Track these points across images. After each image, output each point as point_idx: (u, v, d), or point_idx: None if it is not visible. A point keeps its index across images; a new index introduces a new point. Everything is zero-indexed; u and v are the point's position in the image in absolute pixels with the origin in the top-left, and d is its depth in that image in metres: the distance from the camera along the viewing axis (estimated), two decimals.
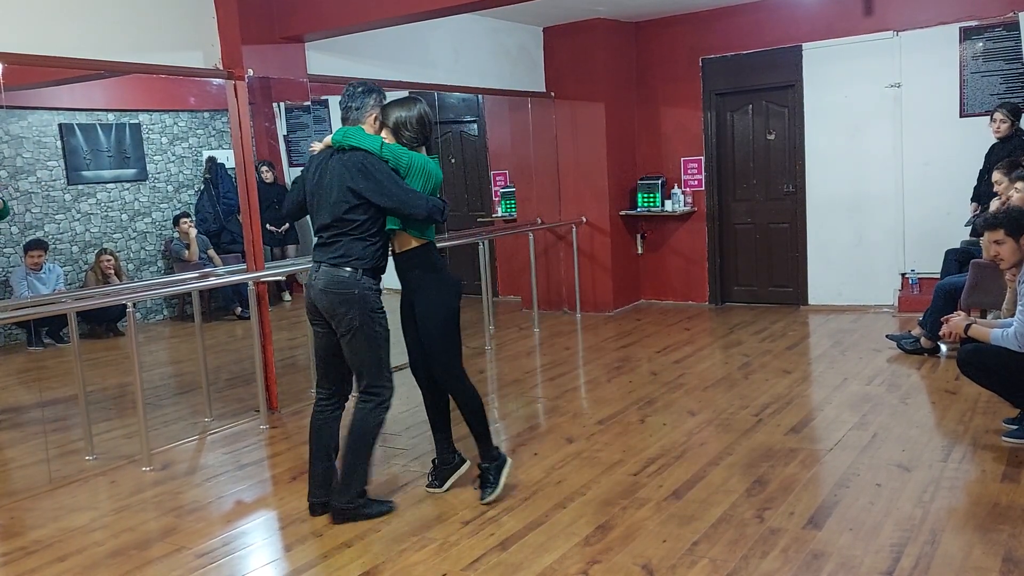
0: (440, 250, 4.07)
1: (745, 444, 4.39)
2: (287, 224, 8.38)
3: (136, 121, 8.84)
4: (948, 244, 6.49)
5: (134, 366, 4.68)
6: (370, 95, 3.68)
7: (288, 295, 8.64)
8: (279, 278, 5.81)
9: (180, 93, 8.87)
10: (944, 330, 4.29)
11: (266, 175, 7.85)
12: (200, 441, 5.06)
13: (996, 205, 5.35)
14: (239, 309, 8.35)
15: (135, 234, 8.90)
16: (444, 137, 9.48)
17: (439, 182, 3.76)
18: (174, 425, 5.37)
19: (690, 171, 8.36)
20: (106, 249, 8.26)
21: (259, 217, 5.46)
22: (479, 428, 3.87)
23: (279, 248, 8.33)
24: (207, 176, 9.24)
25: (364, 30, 5.69)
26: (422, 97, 3.96)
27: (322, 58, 5.93)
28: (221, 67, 5.32)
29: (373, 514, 3.72)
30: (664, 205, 8.30)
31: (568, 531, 3.49)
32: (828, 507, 3.57)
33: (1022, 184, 5.18)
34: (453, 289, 3.82)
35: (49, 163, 8.16)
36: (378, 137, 3.64)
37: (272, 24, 5.50)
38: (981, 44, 6.90)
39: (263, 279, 5.39)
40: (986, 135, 6.33)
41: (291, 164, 8.33)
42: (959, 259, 6.14)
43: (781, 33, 7.68)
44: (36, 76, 6.05)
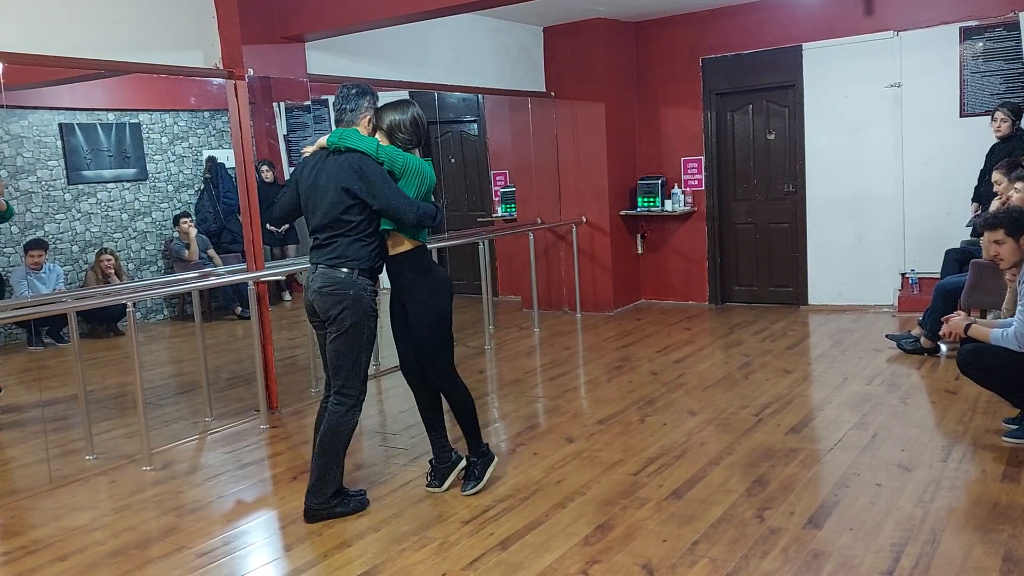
0: (439, 250, 4.09)
1: (745, 444, 4.40)
2: (286, 224, 8.38)
3: (136, 121, 8.84)
4: (948, 244, 6.49)
5: (134, 366, 4.68)
6: (364, 97, 3.71)
7: (288, 295, 8.64)
8: (279, 278, 5.82)
9: (180, 93, 8.88)
10: (944, 330, 4.29)
11: (266, 175, 7.84)
12: (200, 441, 5.07)
13: (996, 205, 5.35)
14: (239, 309, 8.35)
15: (135, 234, 8.90)
16: (444, 137, 9.48)
17: (432, 184, 3.79)
18: (174, 425, 5.37)
19: (690, 171, 8.36)
20: (106, 249, 8.26)
21: (259, 217, 5.46)
22: (469, 425, 3.97)
23: (279, 248, 8.33)
24: (207, 176, 9.24)
25: (364, 30, 5.69)
26: (422, 97, 3.98)
27: (322, 58, 5.93)
28: (221, 67, 5.32)
29: (348, 512, 3.76)
30: (664, 205, 8.30)
31: (568, 531, 3.49)
32: (828, 507, 3.57)
33: (1022, 184, 5.18)
34: (445, 290, 3.86)
35: (49, 163, 8.16)
36: (374, 139, 3.67)
37: (272, 24, 5.50)
38: (981, 44, 6.91)
39: (263, 279, 5.39)
40: (986, 135, 6.33)
41: (291, 164, 8.31)
42: (959, 259, 6.14)
43: (781, 33, 7.69)
44: (36, 76, 6.05)
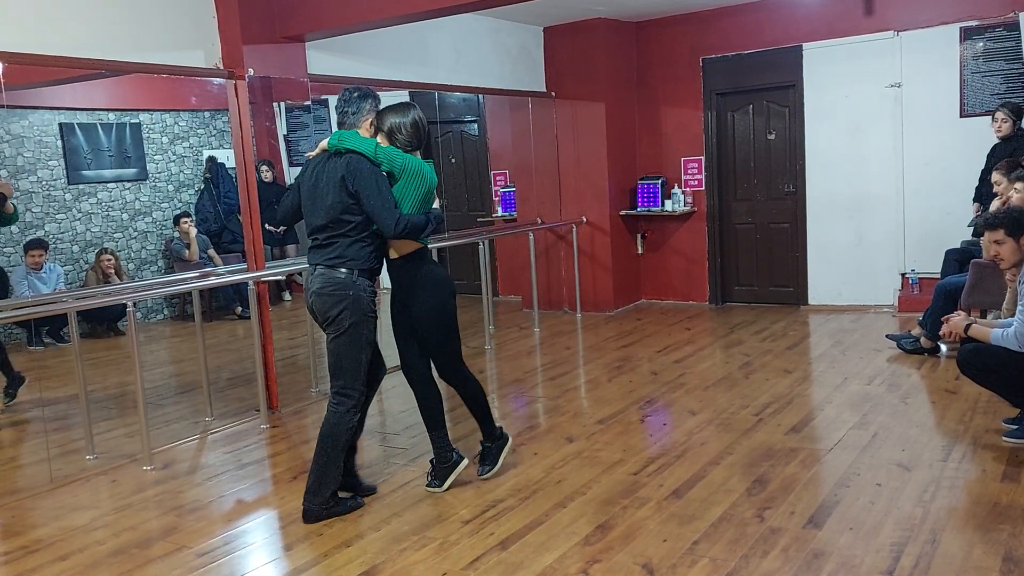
0: (439, 250, 4.11)
1: (745, 444, 4.40)
2: (287, 225, 8.39)
3: (137, 121, 8.84)
4: (948, 244, 6.49)
5: (135, 365, 4.69)
6: (365, 100, 3.74)
7: (288, 295, 8.65)
8: (279, 278, 5.82)
9: (181, 93, 8.88)
10: (944, 330, 4.29)
11: (265, 175, 7.85)
12: (201, 440, 5.07)
13: (996, 205, 5.35)
14: (239, 309, 8.35)
15: (136, 234, 8.91)
16: (444, 137, 9.49)
17: (433, 185, 3.81)
18: (175, 424, 5.37)
19: (690, 171, 8.36)
20: (106, 249, 8.26)
21: (259, 217, 5.46)
22: (482, 413, 4.08)
23: (279, 248, 8.33)
24: (207, 176, 9.25)
25: (365, 30, 5.69)
26: (423, 97, 4.01)
27: (322, 58, 5.93)
28: (221, 67, 5.32)
29: (344, 512, 3.78)
30: (664, 205, 8.30)
31: (568, 530, 3.49)
32: (828, 507, 3.57)
33: (1021, 184, 5.18)
34: (447, 288, 3.90)
35: (50, 162, 8.17)
36: (372, 140, 3.69)
37: (273, 24, 5.50)
38: (981, 44, 6.91)
39: (263, 279, 5.39)
40: (986, 135, 6.33)
41: (291, 164, 8.33)
42: (959, 259, 6.14)
43: (782, 33, 7.69)
44: (37, 75, 6.05)
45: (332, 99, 8.23)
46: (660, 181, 8.31)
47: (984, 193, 6.07)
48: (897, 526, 3.34)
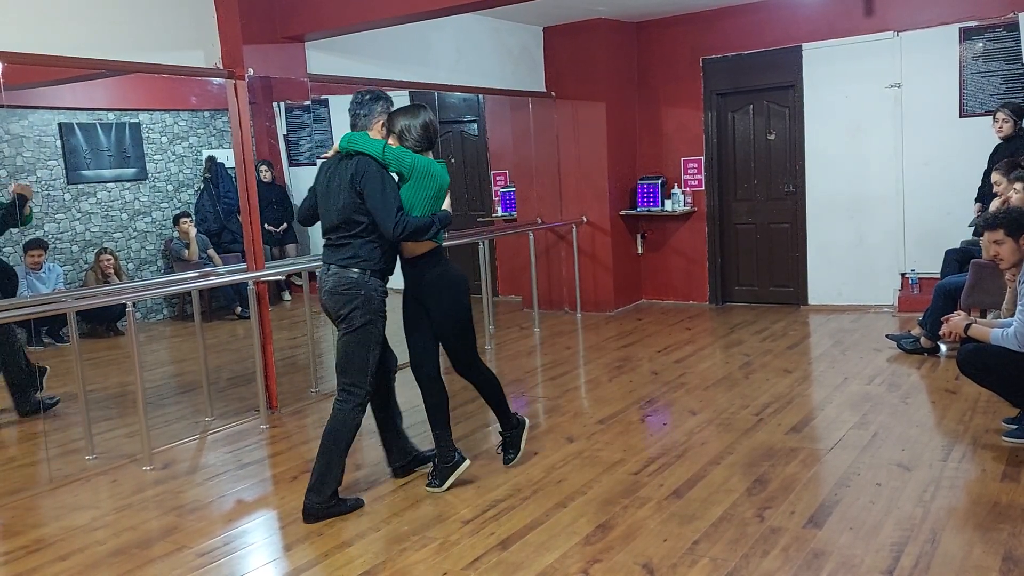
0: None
1: (746, 443, 4.40)
2: (285, 224, 8.40)
3: (136, 120, 8.84)
4: (948, 244, 6.49)
5: (135, 365, 4.68)
6: (377, 102, 3.83)
7: (288, 295, 8.65)
8: (279, 278, 5.82)
9: (180, 92, 8.87)
10: (944, 330, 4.29)
11: (264, 175, 7.85)
12: (201, 440, 5.07)
13: (996, 205, 5.35)
14: (239, 309, 8.35)
15: (135, 233, 8.91)
16: (444, 137, 9.48)
17: (444, 185, 3.87)
18: (175, 424, 5.37)
19: (690, 171, 8.36)
20: (106, 248, 8.26)
21: (259, 217, 5.46)
22: (498, 404, 4.20)
23: (279, 248, 8.34)
24: (207, 175, 9.25)
25: (365, 30, 5.69)
26: (423, 97, 4.05)
27: (322, 57, 5.93)
28: (221, 66, 5.32)
29: (345, 511, 3.78)
30: (664, 205, 8.31)
31: (569, 530, 3.49)
32: (829, 506, 3.57)
33: (1021, 184, 5.18)
34: (463, 286, 3.99)
35: (49, 162, 8.17)
36: (381, 142, 3.76)
37: (273, 24, 5.50)
38: (981, 44, 6.91)
39: (263, 279, 5.39)
40: (986, 135, 6.33)
41: (291, 164, 8.34)
42: (959, 259, 6.14)
43: (782, 33, 7.69)
44: (36, 75, 6.05)
45: (332, 99, 8.25)
46: (660, 181, 8.31)
47: (986, 193, 6.07)
48: (897, 526, 3.34)
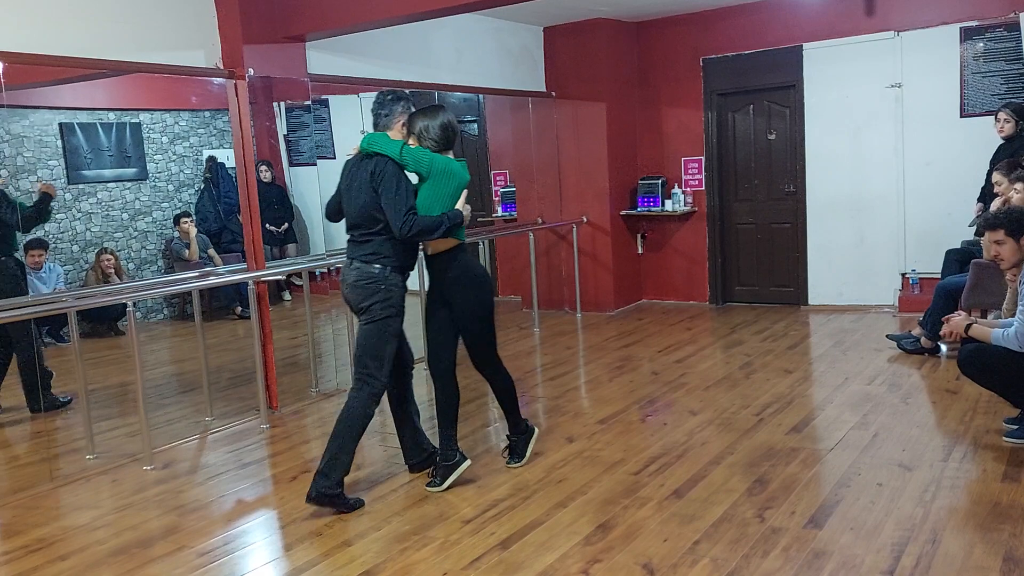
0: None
1: (746, 443, 4.40)
2: (286, 224, 8.41)
3: (137, 120, 8.84)
4: (948, 244, 6.49)
5: (135, 365, 4.69)
6: (397, 103, 3.94)
7: (288, 295, 8.65)
8: (279, 278, 5.82)
9: (181, 92, 8.88)
10: (944, 330, 4.29)
11: (264, 175, 7.85)
12: (201, 440, 5.07)
13: (997, 205, 5.35)
14: (239, 308, 8.35)
15: (136, 233, 8.91)
16: None
17: (463, 182, 3.96)
18: (176, 424, 5.37)
19: (691, 171, 8.36)
20: (106, 248, 8.26)
21: (259, 217, 5.46)
22: (511, 407, 4.21)
23: (279, 248, 8.34)
24: (207, 175, 9.25)
25: (365, 30, 5.69)
26: (423, 97, 4.08)
27: (323, 57, 5.93)
28: (222, 66, 5.32)
29: (348, 506, 3.80)
30: (664, 205, 8.31)
31: (569, 530, 3.49)
32: (829, 506, 3.57)
33: (1022, 185, 5.18)
34: (486, 283, 4.08)
35: (50, 162, 8.17)
36: (399, 143, 3.85)
37: (273, 24, 5.50)
38: (982, 44, 6.90)
39: (263, 279, 5.39)
40: (986, 135, 6.33)
41: (291, 164, 8.34)
42: (959, 259, 6.13)
43: (782, 33, 7.69)
44: (37, 75, 6.06)
45: (332, 99, 8.25)
46: (660, 181, 8.31)
47: (988, 193, 6.07)
48: (898, 526, 3.34)
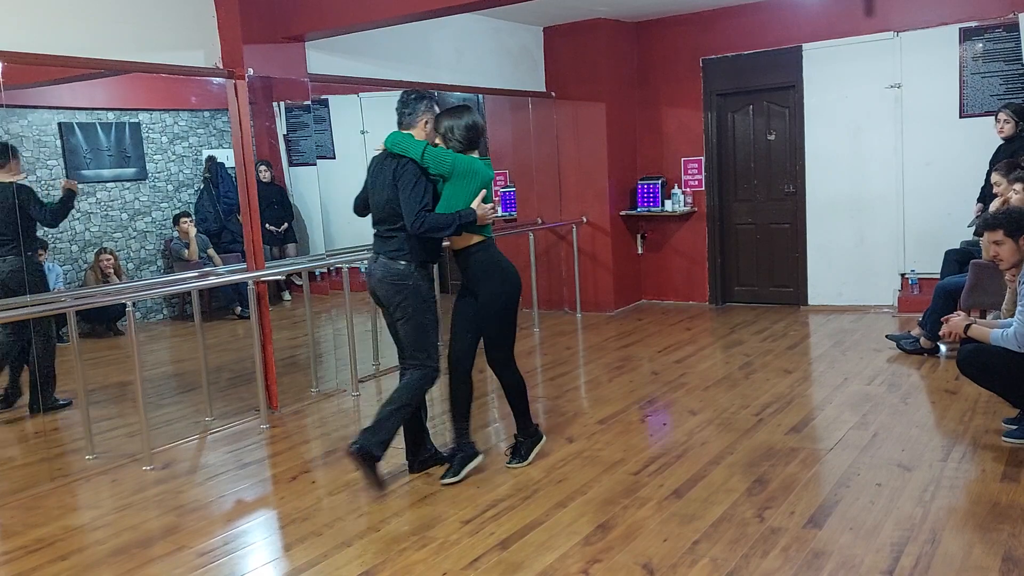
0: (441, 250, 4.22)
1: (746, 443, 4.40)
2: (286, 224, 8.40)
3: (136, 120, 8.83)
4: (948, 244, 6.49)
5: (135, 365, 4.68)
6: (420, 101, 4.04)
7: (288, 295, 8.64)
8: (279, 278, 5.81)
9: (181, 92, 8.87)
10: (944, 330, 4.29)
11: (263, 175, 7.84)
12: (201, 440, 5.07)
13: (996, 206, 5.36)
14: (239, 308, 8.35)
15: (135, 233, 8.90)
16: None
17: (486, 180, 4.03)
18: (175, 424, 5.37)
19: (690, 171, 8.36)
20: (106, 248, 8.25)
21: (259, 216, 5.46)
22: (520, 407, 4.25)
23: (279, 248, 8.33)
24: (207, 175, 9.24)
25: (365, 30, 5.69)
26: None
27: (323, 57, 5.93)
28: (221, 66, 5.32)
29: (377, 478, 3.93)
30: (664, 205, 8.31)
31: (569, 530, 3.49)
32: (829, 506, 3.57)
33: (1021, 185, 5.19)
34: (514, 281, 4.14)
35: (49, 162, 8.16)
36: (421, 144, 3.91)
37: (273, 23, 5.50)
38: (981, 45, 6.91)
39: (263, 279, 5.39)
40: (986, 136, 6.34)
41: (291, 164, 8.33)
42: (959, 259, 6.14)
43: (782, 33, 7.69)
44: (36, 75, 6.05)
45: (332, 99, 8.24)
46: (660, 181, 8.32)
47: (988, 194, 6.07)
48: (897, 526, 3.34)
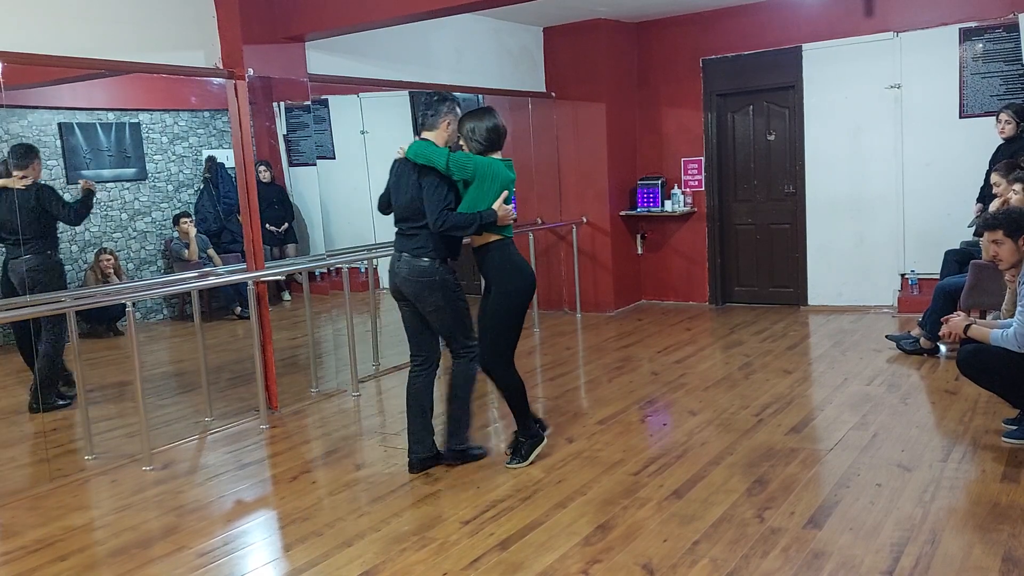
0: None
1: (746, 444, 4.40)
2: (286, 224, 8.41)
3: (136, 120, 8.83)
4: (948, 245, 6.49)
5: (134, 365, 4.68)
6: (443, 103, 4.14)
7: (288, 295, 8.64)
8: (279, 278, 5.81)
9: (181, 92, 8.87)
10: (944, 330, 4.29)
11: (263, 175, 7.84)
12: (201, 440, 5.06)
13: (996, 206, 5.36)
14: (239, 309, 8.35)
15: (135, 233, 8.89)
16: None
17: (507, 181, 4.08)
18: (175, 424, 5.36)
19: (690, 171, 8.36)
20: (106, 248, 8.25)
21: (259, 217, 5.46)
22: (519, 408, 4.27)
23: (279, 248, 8.33)
24: (207, 175, 9.24)
25: (365, 30, 5.69)
26: (422, 97, 4.23)
27: (323, 58, 5.93)
28: (222, 67, 5.32)
29: (477, 455, 4.30)
30: (664, 205, 8.31)
31: (569, 530, 3.49)
32: (828, 507, 3.57)
33: (1020, 185, 5.19)
34: (525, 280, 4.16)
35: (49, 162, 8.15)
36: (444, 152, 3.97)
37: (273, 24, 5.50)
38: (981, 45, 6.91)
39: (263, 279, 5.39)
40: (986, 136, 6.34)
41: (291, 164, 8.34)
42: (959, 260, 6.14)
43: (782, 34, 7.69)
44: (36, 75, 6.04)
45: (332, 99, 8.24)
46: (660, 182, 8.32)
47: (988, 194, 6.07)
48: (897, 526, 3.34)
